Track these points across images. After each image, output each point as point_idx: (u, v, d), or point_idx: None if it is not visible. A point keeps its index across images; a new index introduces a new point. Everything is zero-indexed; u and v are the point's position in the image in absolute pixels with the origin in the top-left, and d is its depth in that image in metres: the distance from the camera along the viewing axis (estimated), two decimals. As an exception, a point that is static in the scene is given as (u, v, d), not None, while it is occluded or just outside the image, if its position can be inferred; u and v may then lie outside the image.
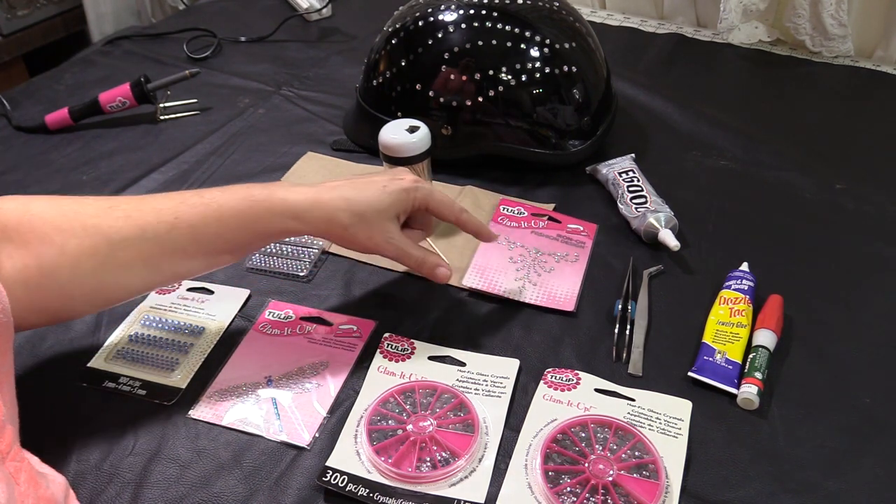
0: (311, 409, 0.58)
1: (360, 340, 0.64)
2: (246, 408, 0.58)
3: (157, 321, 0.66)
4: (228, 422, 0.57)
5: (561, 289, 0.68)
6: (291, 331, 0.65)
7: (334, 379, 0.61)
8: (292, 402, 0.59)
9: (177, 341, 0.65)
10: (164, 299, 0.69)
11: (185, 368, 0.62)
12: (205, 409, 0.58)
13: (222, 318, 0.67)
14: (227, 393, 0.59)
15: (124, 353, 0.64)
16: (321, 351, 0.63)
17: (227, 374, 0.61)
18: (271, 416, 0.57)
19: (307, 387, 0.60)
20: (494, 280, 0.69)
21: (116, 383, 0.61)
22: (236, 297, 0.69)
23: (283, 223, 0.57)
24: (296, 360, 0.62)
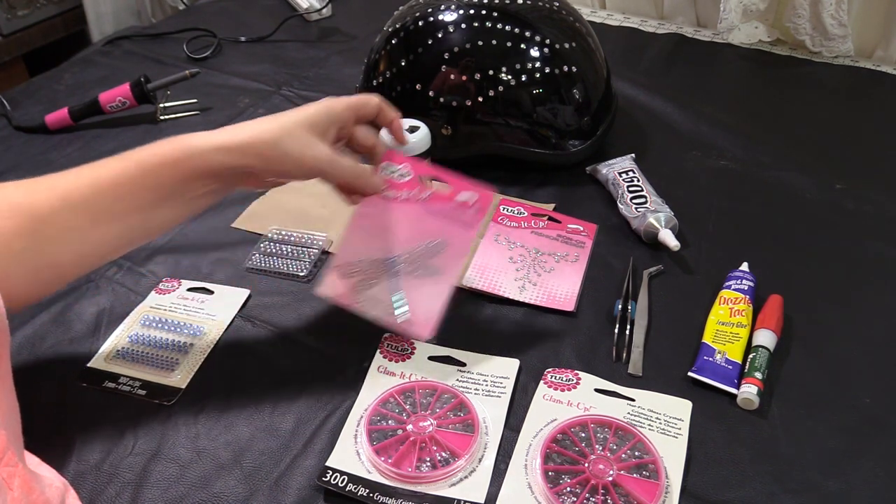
0: (431, 300, 0.58)
1: (480, 214, 0.59)
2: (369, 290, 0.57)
3: (156, 321, 0.66)
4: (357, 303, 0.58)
5: (561, 289, 0.68)
6: (410, 193, 0.60)
7: (452, 265, 0.59)
8: (413, 288, 0.58)
9: (177, 341, 0.65)
10: (163, 299, 0.69)
11: (185, 368, 0.62)
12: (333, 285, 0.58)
13: (222, 318, 0.67)
14: (349, 270, 0.58)
15: (124, 353, 0.64)
16: (438, 227, 0.59)
17: (345, 249, 0.59)
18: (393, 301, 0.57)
19: (428, 270, 0.58)
20: (494, 280, 0.69)
21: (116, 383, 0.61)
22: (236, 297, 0.69)
23: (207, 157, 0.54)
24: (414, 235, 0.59)
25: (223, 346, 0.64)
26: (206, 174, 0.55)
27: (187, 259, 0.74)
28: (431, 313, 0.58)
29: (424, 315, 0.58)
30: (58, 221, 0.52)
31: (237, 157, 0.55)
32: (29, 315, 0.68)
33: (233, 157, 0.55)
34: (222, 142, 0.55)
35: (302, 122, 0.56)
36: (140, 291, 0.70)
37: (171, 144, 0.55)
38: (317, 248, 0.74)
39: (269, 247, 0.74)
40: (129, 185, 0.54)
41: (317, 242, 0.75)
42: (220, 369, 0.62)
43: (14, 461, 0.43)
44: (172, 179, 0.54)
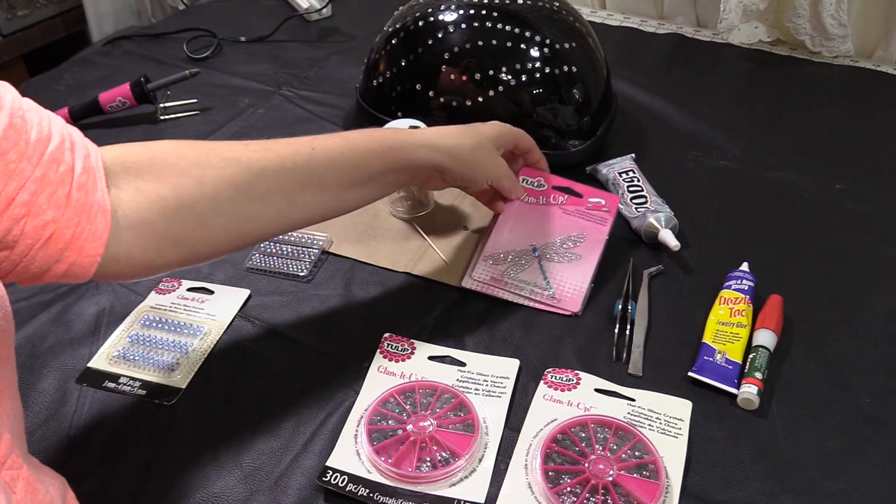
0: (577, 279, 0.67)
1: (610, 215, 0.71)
2: (518, 273, 0.67)
3: (157, 321, 0.66)
4: (505, 286, 0.67)
5: (568, 284, 0.67)
6: (546, 199, 0.72)
7: (591, 252, 0.69)
8: (558, 271, 0.67)
9: (177, 341, 0.65)
10: (164, 299, 0.69)
11: (185, 368, 0.62)
12: (482, 272, 0.67)
13: (222, 318, 0.67)
14: (499, 259, 0.68)
15: (124, 353, 0.64)
16: (576, 223, 0.71)
17: (494, 241, 0.69)
18: (542, 283, 0.66)
19: (570, 256, 0.68)
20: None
21: (116, 383, 0.61)
22: (236, 297, 0.69)
23: (415, 151, 0.61)
24: (555, 230, 0.71)
25: (223, 346, 0.64)
26: (408, 166, 0.62)
27: (187, 259, 0.74)
28: (579, 290, 0.67)
29: (572, 291, 0.67)
30: (270, 179, 0.54)
31: (440, 157, 0.63)
32: (29, 315, 0.68)
33: (436, 156, 0.63)
34: (430, 141, 0.63)
35: (492, 138, 0.67)
36: (140, 291, 0.70)
37: (383, 134, 0.62)
38: (317, 248, 0.74)
39: (269, 247, 0.74)
40: (342, 162, 0.58)
41: (317, 242, 0.75)
42: (220, 369, 0.62)
43: (18, 464, 0.43)
44: (380, 165, 0.60)
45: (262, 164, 0.53)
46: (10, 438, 0.43)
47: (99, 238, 0.44)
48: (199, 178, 0.51)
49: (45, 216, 0.41)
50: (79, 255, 0.43)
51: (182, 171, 0.50)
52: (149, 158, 0.50)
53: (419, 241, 0.75)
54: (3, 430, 0.42)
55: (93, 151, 0.46)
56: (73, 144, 0.44)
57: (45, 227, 0.41)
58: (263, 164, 0.53)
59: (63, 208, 0.42)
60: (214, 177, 0.51)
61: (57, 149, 0.43)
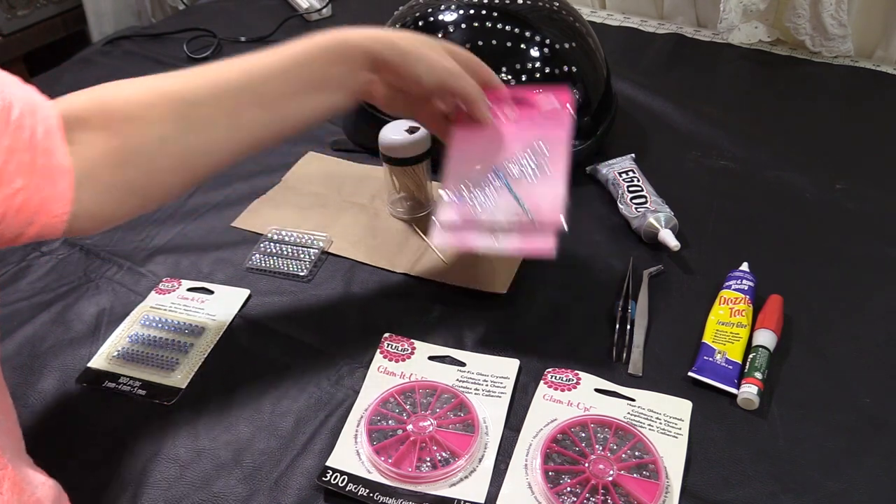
0: (551, 191, 0.59)
1: (564, 111, 0.64)
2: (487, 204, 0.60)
3: (156, 321, 0.66)
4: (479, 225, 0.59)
5: (544, 201, 0.60)
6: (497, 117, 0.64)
7: (557, 158, 0.61)
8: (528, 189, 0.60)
9: (177, 341, 0.65)
10: (164, 299, 0.69)
11: (185, 368, 0.62)
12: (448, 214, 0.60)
13: (222, 318, 0.67)
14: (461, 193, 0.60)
15: (124, 353, 0.64)
16: (533, 134, 0.63)
17: (450, 175, 0.62)
18: (516, 208, 0.59)
19: (536, 171, 0.61)
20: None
21: (116, 383, 0.61)
22: (236, 296, 0.69)
23: (358, 42, 0.58)
24: (513, 146, 0.62)
25: (223, 346, 0.64)
26: (344, 55, 0.58)
27: (187, 259, 0.74)
28: (556, 203, 0.59)
29: (550, 207, 0.59)
30: (211, 104, 0.53)
31: (377, 45, 0.59)
32: (29, 315, 0.68)
33: (373, 44, 0.59)
34: (372, 33, 0.59)
35: (440, 41, 0.61)
36: (140, 291, 0.70)
37: (324, 35, 0.58)
38: (317, 248, 0.74)
39: (269, 247, 0.74)
40: (279, 68, 0.56)
41: (317, 242, 0.75)
42: (220, 369, 0.62)
43: (3, 463, 0.43)
44: (316, 64, 0.57)
45: (200, 91, 0.53)
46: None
47: (65, 199, 0.45)
48: (143, 118, 0.50)
49: (15, 184, 0.42)
50: (48, 218, 0.44)
51: (126, 115, 0.50)
52: (98, 106, 0.50)
53: (418, 242, 0.75)
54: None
55: (51, 111, 0.46)
56: (35, 107, 0.45)
57: (16, 194, 0.42)
58: (203, 91, 0.53)
59: (31, 174, 0.43)
60: (158, 116, 0.51)
61: (20, 115, 0.43)
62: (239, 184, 0.85)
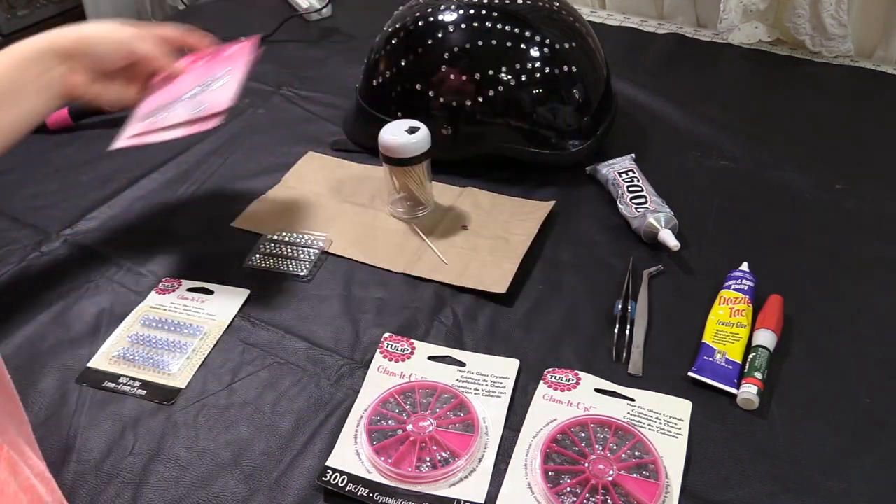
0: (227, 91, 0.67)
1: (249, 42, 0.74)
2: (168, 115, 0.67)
3: (156, 321, 0.66)
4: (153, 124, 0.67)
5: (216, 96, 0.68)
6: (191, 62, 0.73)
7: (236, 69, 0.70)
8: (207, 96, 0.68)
9: (176, 341, 0.65)
10: (163, 299, 0.69)
11: (185, 368, 0.62)
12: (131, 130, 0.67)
13: (222, 318, 0.67)
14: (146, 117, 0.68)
15: (124, 353, 0.64)
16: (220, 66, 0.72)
17: (143, 109, 0.69)
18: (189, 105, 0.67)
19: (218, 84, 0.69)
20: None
21: (116, 383, 0.61)
22: (236, 296, 0.69)
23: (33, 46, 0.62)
24: (200, 77, 0.71)
25: (223, 347, 0.64)
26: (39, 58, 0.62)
27: (187, 259, 0.74)
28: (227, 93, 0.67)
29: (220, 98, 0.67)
30: None
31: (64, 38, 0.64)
32: (29, 315, 0.68)
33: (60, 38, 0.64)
34: (54, 31, 0.64)
35: (110, 21, 0.68)
36: (140, 291, 0.70)
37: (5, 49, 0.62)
38: (317, 248, 0.74)
39: (269, 247, 0.74)
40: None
41: (316, 242, 0.75)
42: (220, 369, 0.62)
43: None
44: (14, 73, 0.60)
45: None
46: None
47: None
48: None
49: None
50: None
51: None
52: None
53: (418, 242, 0.75)
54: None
55: None
56: None
57: None
58: None
59: None
60: None
61: None
62: (239, 184, 0.85)
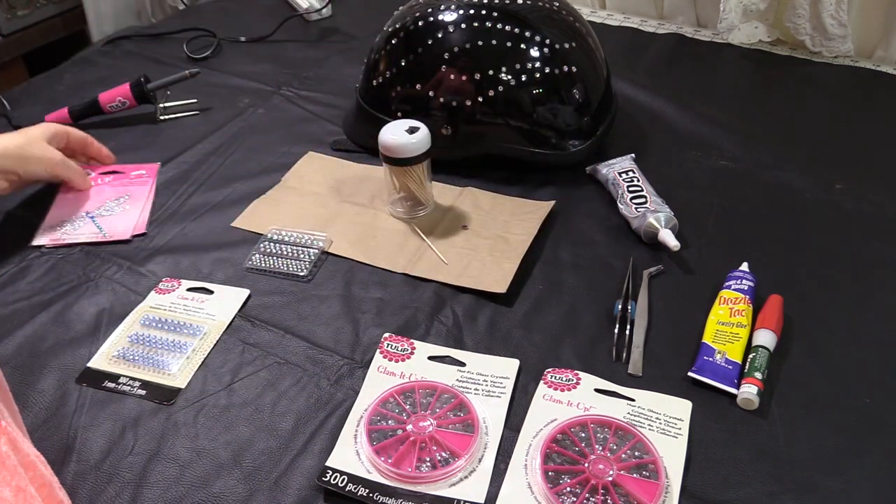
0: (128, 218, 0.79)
1: (150, 177, 0.86)
2: (74, 229, 0.78)
3: (156, 321, 0.66)
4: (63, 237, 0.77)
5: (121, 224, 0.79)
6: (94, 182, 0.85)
7: (137, 203, 0.82)
8: (110, 220, 0.79)
9: (177, 341, 0.65)
10: (163, 299, 0.69)
11: (185, 368, 0.62)
12: (43, 237, 0.77)
13: (222, 318, 0.67)
14: (58, 225, 0.79)
15: (124, 353, 0.64)
16: (122, 190, 0.84)
17: (52, 216, 0.80)
18: (94, 228, 0.78)
19: (117, 210, 0.81)
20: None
21: (116, 383, 0.61)
22: (236, 296, 0.69)
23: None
24: (105, 197, 0.83)
25: (223, 347, 0.64)
26: None
27: (187, 259, 0.74)
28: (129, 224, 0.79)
29: (124, 227, 0.78)
30: None
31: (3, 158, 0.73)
32: (29, 315, 0.68)
33: None
34: None
35: (40, 136, 0.77)
36: (140, 291, 0.70)
37: None
38: (316, 248, 0.74)
39: (269, 247, 0.74)
40: None
41: (316, 242, 0.75)
42: (220, 369, 0.62)
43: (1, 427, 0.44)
44: None
45: None
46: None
47: None
48: None
49: None
50: None
51: None
52: None
53: (418, 242, 0.75)
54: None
55: None
56: None
57: None
58: None
59: None
60: None
61: None
62: (239, 184, 0.85)
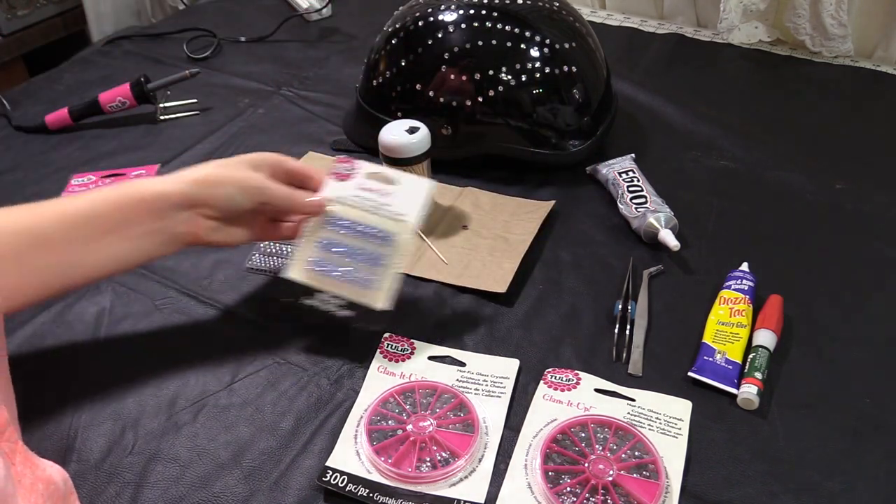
0: None
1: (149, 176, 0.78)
2: None
3: (341, 223, 0.62)
4: None
5: None
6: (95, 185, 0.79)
7: None
8: None
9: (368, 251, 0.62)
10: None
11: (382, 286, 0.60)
12: None
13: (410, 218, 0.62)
14: None
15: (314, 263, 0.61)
16: None
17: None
18: None
19: None
20: None
21: (318, 300, 0.63)
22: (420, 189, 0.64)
23: (148, 185, 0.57)
24: None
25: (223, 346, 0.64)
26: (150, 208, 0.57)
27: (188, 259, 0.74)
28: None
29: None
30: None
31: (179, 185, 0.57)
32: (29, 315, 0.68)
33: (175, 185, 0.57)
34: (175, 177, 0.58)
35: (244, 159, 0.61)
36: (141, 291, 0.70)
37: (117, 189, 0.57)
38: (317, 248, 0.74)
39: (269, 247, 0.74)
40: (72, 213, 0.55)
41: (317, 242, 0.74)
42: (220, 369, 0.62)
43: (15, 438, 0.44)
44: (115, 211, 0.56)
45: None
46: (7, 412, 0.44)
47: None
48: None
49: None
50: None
51: None
52: None
53: (418, 242, 0.75)
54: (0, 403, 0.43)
55: None
56: None
57: None
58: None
59: None
60: None
61: None
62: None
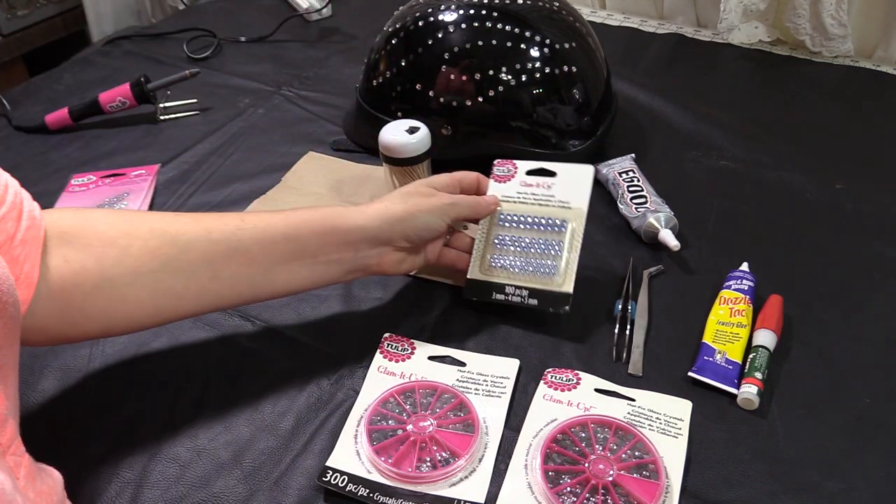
0: None
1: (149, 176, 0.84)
2: None
3: (513, 219, 0.66)
4: None
5: None
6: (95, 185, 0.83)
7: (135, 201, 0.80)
8: None
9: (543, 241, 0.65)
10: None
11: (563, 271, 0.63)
12: None
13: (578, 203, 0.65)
14: None
15: (494, 261, 0.64)
16: (122, 189, 0.82)
17: None
18: None
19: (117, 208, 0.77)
20: None
21: (504, 294, 0.64)
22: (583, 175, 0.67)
23: (347, 216, 0.58)
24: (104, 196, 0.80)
25: (222, 346, 0.64)
26: (344, 239, 0.59)
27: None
28: None
29: None
30: (196, 251, 0.53)
31: (373, 221, 0.59)
32: (29, 315, 0.68)
33: (369, 221, 0.59)
34: (362, 209, 0.60)
35: (423, 182, 0.64)
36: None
37: (321, 207, 0.60)
38: (317, 248, 0.74)
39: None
40: (271, 232, 0.56)
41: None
42: (220, 369, 0.62)
43: (21, 451, 0.44)
44: (313, 238, 0.57)
45: (188, 235, 0.53)
46: (14, 424, 0.44)
47: None
48: (125, 248, 0.51)
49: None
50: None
51: (109, 240, 0.50)
52: (81, 225, 0.51)
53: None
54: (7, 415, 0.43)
55: (37, 218, 0.47)
56: (21, 213, 0.45)
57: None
58: (190, 236, 0.53)
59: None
60: (139, 248, 0.51)
61: (4, 217, 0.44)
62: (239, 184, 0.85)
